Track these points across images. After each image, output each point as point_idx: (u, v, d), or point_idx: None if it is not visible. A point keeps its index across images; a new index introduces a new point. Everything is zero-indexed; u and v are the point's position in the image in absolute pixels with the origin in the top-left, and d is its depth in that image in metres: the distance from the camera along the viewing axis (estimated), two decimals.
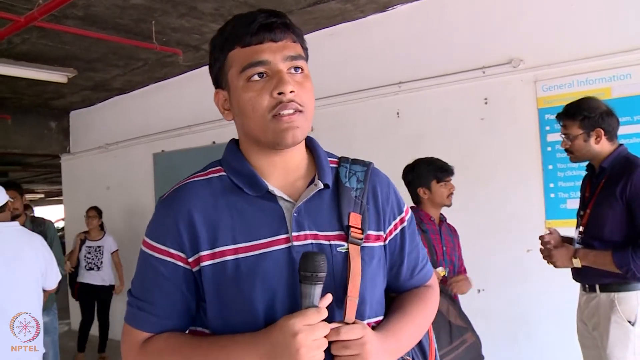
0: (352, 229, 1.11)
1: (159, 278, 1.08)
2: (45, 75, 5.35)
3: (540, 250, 2.65)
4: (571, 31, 3.57)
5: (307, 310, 0.97)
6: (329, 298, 1.01)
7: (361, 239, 1.12)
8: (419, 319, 1.20)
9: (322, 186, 1.12)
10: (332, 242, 1.10)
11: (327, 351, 1.00)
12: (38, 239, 3.38)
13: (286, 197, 1.11)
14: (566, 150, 2.63)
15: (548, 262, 2.61)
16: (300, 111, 1.06)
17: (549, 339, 3.57)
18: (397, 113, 4.39)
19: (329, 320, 1.00)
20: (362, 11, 4.41)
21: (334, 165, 1.21)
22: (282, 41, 1.08)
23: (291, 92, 1.04)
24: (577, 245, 2.57)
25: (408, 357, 1.19)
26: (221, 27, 1.14)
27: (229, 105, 1.14)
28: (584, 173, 2.73)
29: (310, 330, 0.95)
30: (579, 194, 2.75)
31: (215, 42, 1.14)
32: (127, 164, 6.93)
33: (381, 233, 1.18)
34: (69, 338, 6.71)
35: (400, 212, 1.24)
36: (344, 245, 1.10)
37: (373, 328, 1.09)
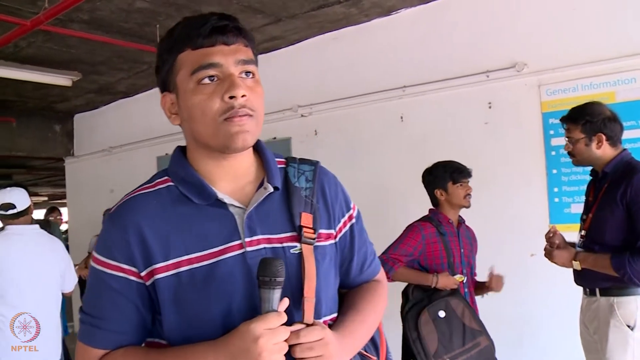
0: (304, 229, 1.11)
1: (112, 293, 1.06)
2: (50, 78, 5.36)
3: (544, 248, 2.66)
4: (575, 35, 3.56)
5: (267, 314, 0.97)
6: (286, 302, 1.00)
7: (314, 239, 1.12)
8: (372, 315, 1.21)
9: (271, 189, 1.11)
10: (285, 245, 1.10)
11: (287, 354, 0.99)
12: (57, 242, 3.49)
13: (236, 204, 1.10)
14: (568, 153, 2.64)
15: (550, 261, 2.62)
16: (251, 115, 1.04)
17: (553, 342, 3.56)
18: (401, 117, 4.39)
19: (287, 321, 1.01)
20: (366, 15, 4.41)
21: (282, 166, 1.20)
22: (234, 45, 1.06)
23: (243, 96, 1.03)
24: (579, 249, 2.57)
25: (362, 351, 1.20)
26: (170, 29, 1.12)
27: (177, 109, 1.11)
28: (588, 177, 2.73)
29: (271, 334, 0.94)
30: (583, 198, 2.75)
31: (164, 44, 1.11)
32: (131, 167, 6.93)
33: (332, 231, 1.19)
34: (70, 341, 6.71)
35: (349, 209, 1.25)
36: (297, 247, 1.10)
37: (329, 326, 1.10)
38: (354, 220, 1.25)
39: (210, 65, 1.03)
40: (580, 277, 2.59)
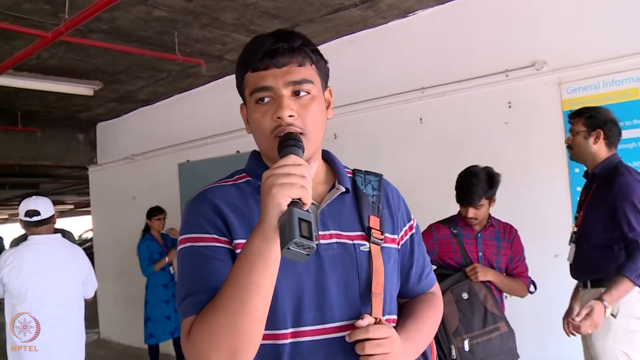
0: (373, 230, 1.20)
1: (211, 263, 1.09)
2: (72, 88, 5.47)
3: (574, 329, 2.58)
4: (595, 32, 3.52)
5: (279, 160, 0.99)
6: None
7: (382, 239, 1.21)
8: (430, 324, 1.30)
9: (343, 189, 1.21)
10: (355, 242, 1.18)
11: (352, 349, 1.07)
12: (79, 250, 3.57)
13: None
14: (568, 146, 2.77)
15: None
16: (301, 134, 1.10)
17: (578, 345, 3.50)
18: (420, 119, 4.37)
19: (355, 316, 1.10)
20: (383, 17, 4.41)
21: (350, 175, 1.30)
22: (286, 67, 1.12)
23: (290, 116, 1.09)
24: (572, 245, 2.76)
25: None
26: (243, 47, 1.19)
27: None
28: None
29: (277, 169, 0.95)
30: None
31: (238, 62, 1.19)
32: (153, 174, 7.02)
33: (395, 237, 1.27)
34: (97, 347, 6.80)
35: (409, 219, 1.34)
36: (366, 245, 1.18)
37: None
38: (414, 231, 1.34)
39: (263, 89, 1.12)
40: (574, 271, 2.77)
